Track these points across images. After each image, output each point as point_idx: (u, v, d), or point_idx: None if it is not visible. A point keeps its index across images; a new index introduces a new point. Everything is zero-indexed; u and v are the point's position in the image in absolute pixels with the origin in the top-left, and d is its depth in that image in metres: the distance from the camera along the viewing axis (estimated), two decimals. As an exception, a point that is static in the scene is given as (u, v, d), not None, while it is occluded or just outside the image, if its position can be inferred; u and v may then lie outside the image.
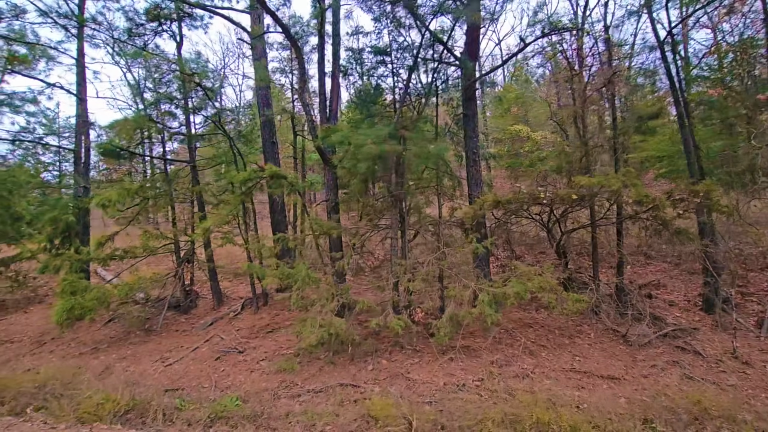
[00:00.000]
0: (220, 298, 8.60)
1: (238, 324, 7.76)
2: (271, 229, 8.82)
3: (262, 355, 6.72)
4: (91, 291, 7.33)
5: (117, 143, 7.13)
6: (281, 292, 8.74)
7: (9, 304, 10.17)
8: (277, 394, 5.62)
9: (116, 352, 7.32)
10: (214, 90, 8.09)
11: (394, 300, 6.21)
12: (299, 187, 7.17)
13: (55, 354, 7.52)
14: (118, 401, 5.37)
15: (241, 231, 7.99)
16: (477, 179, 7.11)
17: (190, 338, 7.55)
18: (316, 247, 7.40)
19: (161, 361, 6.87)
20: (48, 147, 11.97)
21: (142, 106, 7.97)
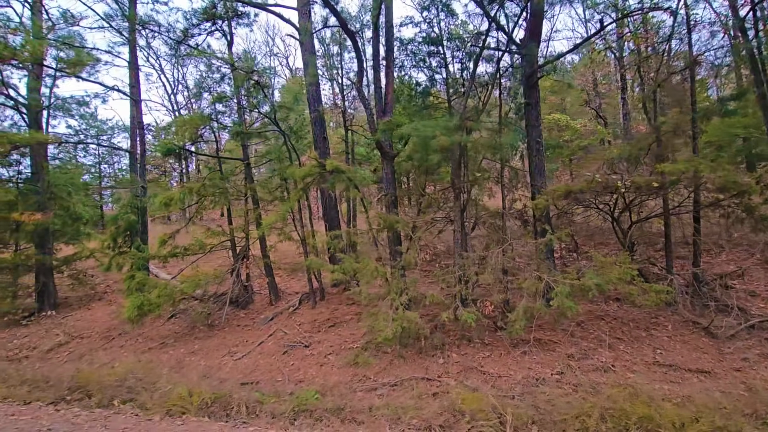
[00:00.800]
0: (276, 294, 8.72)
1: (299, 319, 7.84)
2: (324, 225, 8.86)
3: (328, 349, 6.77)
4: (159, 288, 7.53)
5: (177, 143, 7.29)
6: (336, 287, 8.81)
7: (72, 301, 10.59)
8: (352, 387, 5.65)
9: (184, 346, 7.52)
10: (269, 87, 8.13)
11: (463, 293, 6.14)
12: (358, 182, 7.16)
13: (126, 349, 7.78)
14: (201, 394, 5.51)
15: (296, 227, 8.06)
16: (540, 169, 6.94)
17: (253, 333, 7.68)
18: (374, 241, 7.39)
19: (230, 356, 7.02)
20: (112, 149, 12.37)
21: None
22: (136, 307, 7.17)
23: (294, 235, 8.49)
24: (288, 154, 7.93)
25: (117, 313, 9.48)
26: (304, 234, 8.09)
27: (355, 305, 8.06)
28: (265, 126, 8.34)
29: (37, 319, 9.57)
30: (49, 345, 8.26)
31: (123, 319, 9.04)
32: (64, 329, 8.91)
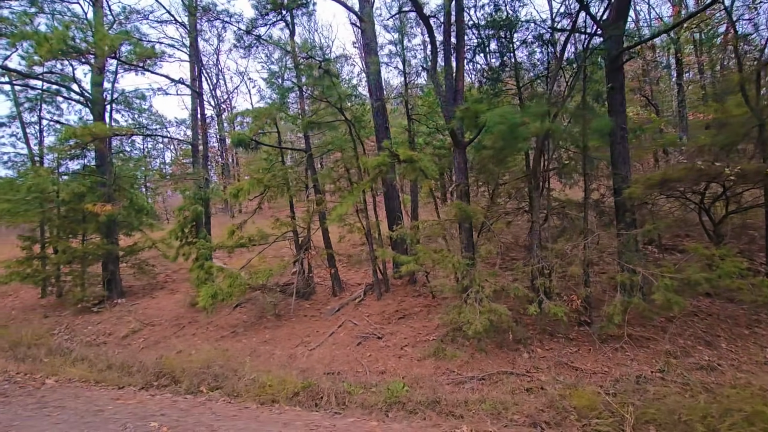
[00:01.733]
0: (339, 285, 8.71)
1: (366, 310, 7.81)
2: (386, 215, 8.76)
3: (402, 341, 6.71)
4: (231, 277, 7.62)
5: (249, 133, 7.32)
6: (400, 279, 8.72)
7: (135, 289, 10.93)
8: (437, 380, 5.56)
9: (255, 335, 7.62)
10: (338, 76, 8.04)
11: (547, 285, 5.92)
12: (430, 171, 7.00)
13: (198, 337, 7.96)
14: (286, 383, 5.54)
15: (359, 218, 7.99)
16: (624, 157, 6.59)
17: (321, 323, 7.71)
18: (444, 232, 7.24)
19: (303, 345, 7.06)
20: (178, 141, 12.62)
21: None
22: (210, 296, 7.28)
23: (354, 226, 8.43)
24: (353, 143, 7.83)
25: (182, 302, 9.74)
26: (369, 225, 8.01)
27: (421, 297, 7.97)
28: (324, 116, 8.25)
29: (106, 306, 9.92)
30: (124, 332, 8.54)
31: (189, 308, 9.30)
32: (135, 317, 9.20)
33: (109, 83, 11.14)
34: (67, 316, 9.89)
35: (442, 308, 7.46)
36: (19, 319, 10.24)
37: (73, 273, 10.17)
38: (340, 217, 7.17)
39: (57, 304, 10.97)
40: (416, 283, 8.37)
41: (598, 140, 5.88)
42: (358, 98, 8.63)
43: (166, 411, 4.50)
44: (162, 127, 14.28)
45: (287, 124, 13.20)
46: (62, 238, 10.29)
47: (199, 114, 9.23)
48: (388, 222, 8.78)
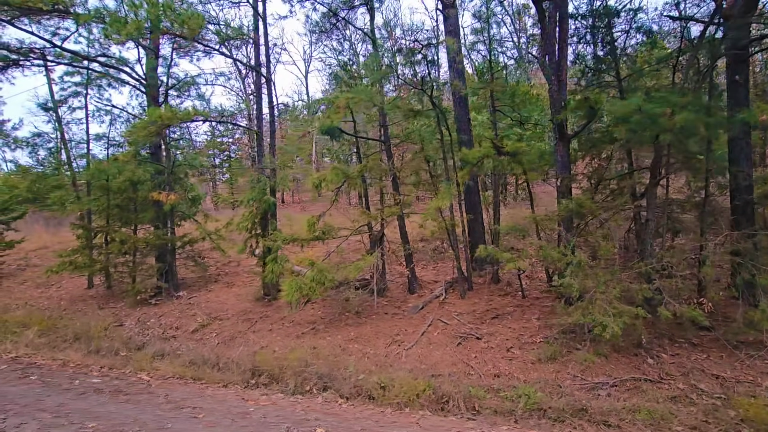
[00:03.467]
0: (416, 282, 8.38)
1: (453, 309, 7.48)
2: (465, 211, 8.40)
3: (505, 342, 6.38)
4: (313, 271, 7.29)
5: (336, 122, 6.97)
6: (482, 277, 8.40)
7: (189, 282, 10.60)
8: (563, 385, 5.25)
9: (338, 333, 7.29)
10: (435, 63, 7.67)
11: (676, 287, 5.60)
12: (531, 165, 6.66)
13: (275, 332, 7.63)
14: (401, 385, 5.22)
15: (452, 212, 7.64)
16: (747, 155, 6.27)
17: (406, 321, 7.38)
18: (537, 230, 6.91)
19: (396, 344, 6.73)
20: (246, 129, 12.21)
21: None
22: (296, 290, 6.94)
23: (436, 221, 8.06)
24: (440, 134, 7.48)
25: (245, 296, 9.42)
26: (453, 220, 7.67)
27: (509, 296, 7.64)
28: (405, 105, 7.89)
29: (163, 299, 9.58)
30: (192, 326, 8.22)
31: (255, 302, 8.97)
32: (199, 310, 8.86)
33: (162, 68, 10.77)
34: (123, 308, 9.56)
35: (535, 309, 7.16)
36: (72, 311, 9.91)
37: (128, 264, 9.83)
38: (434, 211, 6.82)
39: (107, 295, 10.63)
40: (499, 282, 8.03)
41: (724, 134, 5.55)
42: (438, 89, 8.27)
43: (312, 414, 4.17)
44: (228, 113, 13.88)
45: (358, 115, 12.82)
46: (116, 227, 9.94)
47: (267, 101, 8.85)
48: (467, 217, 8.42)
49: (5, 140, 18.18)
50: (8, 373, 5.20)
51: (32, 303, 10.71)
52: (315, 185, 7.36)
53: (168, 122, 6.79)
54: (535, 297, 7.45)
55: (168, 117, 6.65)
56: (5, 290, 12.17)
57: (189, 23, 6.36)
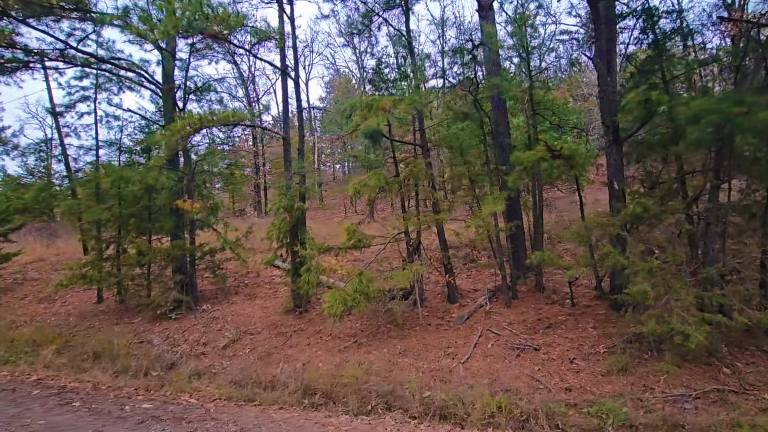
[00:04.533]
0: (455, 291, 8.07)
1: (500, 318, 7.20)
2: (505, 217, 8.16)
3: (565, 353, 6.11)
4: (353, 283, 6.93)
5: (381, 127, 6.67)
6: (525, 285, 8.13)
7: (207, 294, 10.08)
8: (641, 398, 4.98)
9: (383, 346, 6.93)
10: (482, 63, 7.46)
11: (749, 293, 5.41)
12: (584, 168, 6.46)
13: (314, 347, 7.22)
14: (474, 402, 4.89)
15: (496, 218, 7.37)
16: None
17: (453, 333, 7.06)
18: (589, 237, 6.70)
19: (449, 357, 6.40)
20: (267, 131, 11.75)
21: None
22: (339, 302, 6.57)
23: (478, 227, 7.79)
24: (483, 138, 7.25)
25: (272, 308, 8.97)
26: (498, 226, 7.41)
27: (557, 305, 7.39)
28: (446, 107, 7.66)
29: (184, 313, 9.07)
30: (222, 341, 7.74)
31: (284, 314, 8.53)
32: (225, 324, 8.39)
33: (180, 71, 10.38)
34: (141, 324, 9.01)
35: (588, 317, 6.91)
36: (83, 327, 9.30)
37: (143, 276, 9.29)
38: (486, 217, 6.55)
39: (119, 310, 10.04)
40: (544, 291, 7.78)
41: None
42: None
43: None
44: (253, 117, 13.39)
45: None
46: (132, 237, 9.42)
47: (295, 103, 8.53)
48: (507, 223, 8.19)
49: (4, 147, 17.35)
50: (44, 399, 4.69)
51: (38, 319, 10.05)
52: (355, 191, 7.03)
53: (207, 125, 6.40)
54: (585, 305, 7.21)
55: (207, 120, 6.27)
56: (5, 306, 11.44)
57: (228, 22, 6.04)
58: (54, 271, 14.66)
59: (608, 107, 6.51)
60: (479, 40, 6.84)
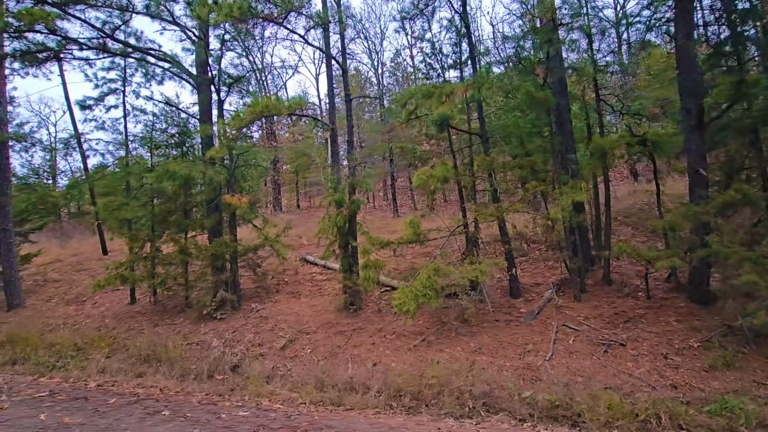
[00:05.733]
0: (517, 286, 7.77)
1: (573, 313, 6.91)
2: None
3: (655, 348, 5.83)
4: (420, 279, 6.61)
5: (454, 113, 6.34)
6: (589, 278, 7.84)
7: (248, 293, 9.72)
8: (758, 394, 4.71)
9: (455, 344, 6.62)
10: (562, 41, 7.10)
11: None
12: (670, 154, 6.17)
13: (380, 346, 6.90)
14: (583, 403, 4.60)
15: (546, 207, 7.03)
16: None
17: (527, 329, 6.76)
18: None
19: (532, 355, 6.10)
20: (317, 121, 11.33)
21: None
22: (411, 298, 6.25)
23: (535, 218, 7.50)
24: (550, 126, 6.93)
25: (322, 306, 8.64)
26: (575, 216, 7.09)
27: (631, 298, 7.10)
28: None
29: (229, 313, 8.71)
30: (279, 341, 7.41)
31: (337, 312, 8.20)
32: (276, 323, 8.05)
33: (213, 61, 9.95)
34: (185, 324, 8.65)
35: (668, 310, 6.63)
36: (123, 329, 8.93)
37: (181, 275, 8.92)
38: (566, 207, 6.25)
39: (155, 310, 9.68)
40: (612, 284, 7.49)
41: None
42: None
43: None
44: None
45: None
46: (171, 234, 9.04)
47: (344, 93, 8.16)
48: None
49: (24, 144, 16.80)
50: (128, 408, 4.33)
51: (72, 322, 9.66)
52: (421, 182, 6.70)
53: (273, 112, 6.03)
54: (661, 298, 6.94)
55: (275, 107, 5.90)
56: (33, 309, 11.03)
57: (286, 5, 5.67)
58: (75, 271, 14.23)
59: (692, 90, 6.20)
60: (548, 20, 6.49)
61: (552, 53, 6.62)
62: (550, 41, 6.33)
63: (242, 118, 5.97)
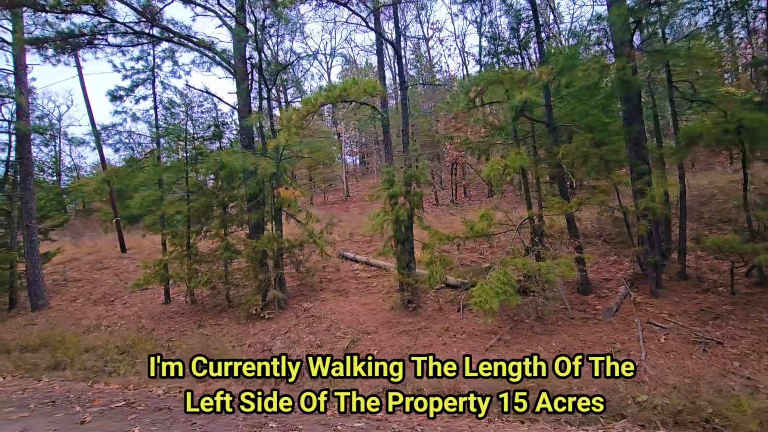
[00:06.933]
0: (587, 282, 7.43)
1: (654, 310, 6.58)
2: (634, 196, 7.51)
3: (757, 346, 5.52)
4: (498, 273, 6.24)
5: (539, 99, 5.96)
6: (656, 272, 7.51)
7: (291, 292, 9.30)
8: None
9: (534, 344, 6.27)
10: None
11: None
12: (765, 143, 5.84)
13: (453, 346, 6.54)
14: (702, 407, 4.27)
15: (618, 199, 6.68)
16: None
17: (608, 327, 6.43)
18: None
19: (623, 355, 5.75)
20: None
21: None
22: (492, 296, 5.88)
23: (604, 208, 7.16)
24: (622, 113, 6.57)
25: (375, 305, 8.25)
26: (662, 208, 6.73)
27: (711, 294, 6.78)
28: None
29: (276, 312, 8.30)
30: (341, 342, 7.02)
31: (394, 312, 7.82)
32: (331, 323, 7.65)
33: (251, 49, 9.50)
34: (230, 325, 8.22)
35: (758, 305, 6.32)
36: (163, 330, 8.50)
37: (222, 273, 8.48)
38: (659, 198, 5.90)
39: (194, 310, 9.24)
40: (688, 279, 7.18)
41: None
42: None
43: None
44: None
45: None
46: (215, 230, 8.60)
47: (399, 80, 7.74)
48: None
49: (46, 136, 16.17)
50: (226, 420, 3.92)
51: (104, 323, 9.19)
52: (495, 172, 6.32)
53: (345, 98, 5.60)
54: (745, 293, 6.63)
55: (354, 92, 5.46)
56: (58, 310, 10.55)
57: None
58: (96, 270, 13.70)
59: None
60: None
61: (648, 32, 6.25)
62: (642, 21, 5.96)
63: (314, 103, 5.54)
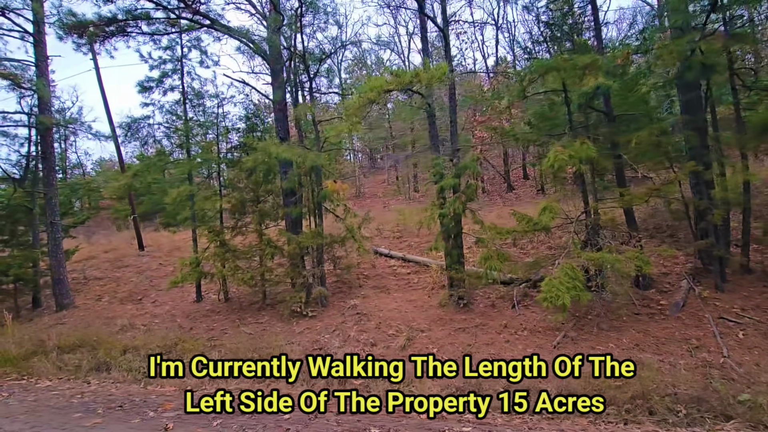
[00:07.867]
0: (646, 277, 7.19)
1: (724, 305, 6.35)
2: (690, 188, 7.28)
3: None
4: (564, 268, 5.99)
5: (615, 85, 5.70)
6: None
7: (330, 288, 9.02)
8: None
9: (605, 341, 6.04)
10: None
11: None
12: None
13: (518, 344, 6.31)
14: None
15: (680, 189, 6.44)
16: None
17: (677, 322, 6.20)
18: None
19: (704, 352, 5.51)
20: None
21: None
22: (564, 291, 5.63)
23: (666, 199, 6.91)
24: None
25: (421, 302, 8.01)
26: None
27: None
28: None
29: (318, 310, 8.05)
30: (394, 340, 6.76)
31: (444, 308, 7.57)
32: (380, 321, 7.40)
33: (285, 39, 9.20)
34: (273, 323, 7.96)
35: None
36: (201, 329, 8.21)
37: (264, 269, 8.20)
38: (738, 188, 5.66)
39: (229, 308, 8.98)
40: (753, 272, 6.96)
41: None
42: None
43: None
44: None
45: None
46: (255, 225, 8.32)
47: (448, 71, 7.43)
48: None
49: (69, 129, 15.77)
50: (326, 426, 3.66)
51: (138, 322, 8.90)
52: (561, 163, 6.05)
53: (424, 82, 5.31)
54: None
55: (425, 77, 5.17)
56: (85, 309, 10.27)
57: None
58: (116, 268, 13.40)
59: None
60: None
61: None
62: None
63: (378, 90, 5.25)
